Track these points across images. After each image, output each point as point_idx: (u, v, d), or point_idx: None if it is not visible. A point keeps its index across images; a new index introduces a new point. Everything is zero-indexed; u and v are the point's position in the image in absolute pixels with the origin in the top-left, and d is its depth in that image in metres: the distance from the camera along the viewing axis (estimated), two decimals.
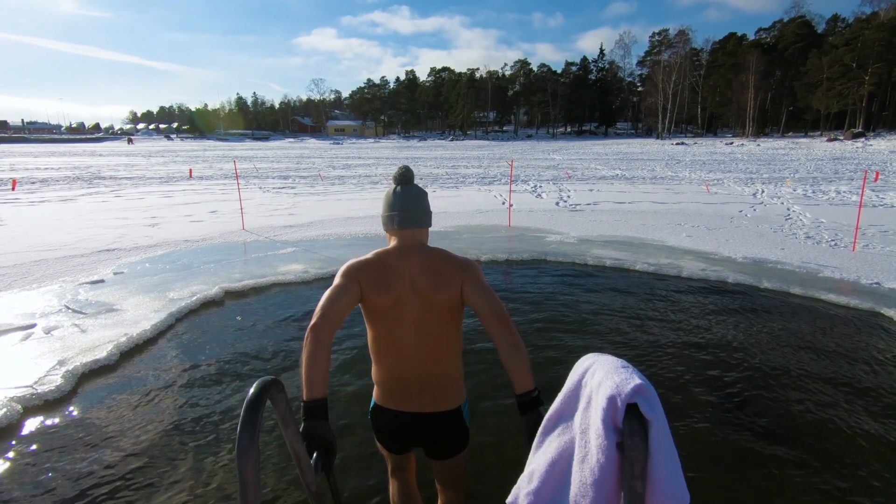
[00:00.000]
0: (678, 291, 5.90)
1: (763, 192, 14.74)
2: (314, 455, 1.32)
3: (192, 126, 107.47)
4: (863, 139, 48.04)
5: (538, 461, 1.03)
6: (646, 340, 4.52)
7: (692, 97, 75.17)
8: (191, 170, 18.85)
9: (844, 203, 12.54)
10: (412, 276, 1.59)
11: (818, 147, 43.36)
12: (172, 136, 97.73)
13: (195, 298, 5.39)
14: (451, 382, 1.69)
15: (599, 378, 0.95)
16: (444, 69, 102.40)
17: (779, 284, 5.97)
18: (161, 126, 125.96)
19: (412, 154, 40.32)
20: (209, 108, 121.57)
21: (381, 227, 1.76)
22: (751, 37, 75.51)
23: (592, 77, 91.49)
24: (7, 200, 13.33)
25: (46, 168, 25.68)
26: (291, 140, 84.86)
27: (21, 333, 4.45)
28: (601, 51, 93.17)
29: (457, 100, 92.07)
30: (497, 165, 26.60)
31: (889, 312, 5.07)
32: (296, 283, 6.13)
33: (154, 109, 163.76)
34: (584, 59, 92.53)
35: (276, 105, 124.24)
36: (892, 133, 51.82)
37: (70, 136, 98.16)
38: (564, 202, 13.08)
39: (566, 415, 1.03)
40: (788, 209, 11.66)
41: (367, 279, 1.59)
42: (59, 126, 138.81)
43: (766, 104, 66.77)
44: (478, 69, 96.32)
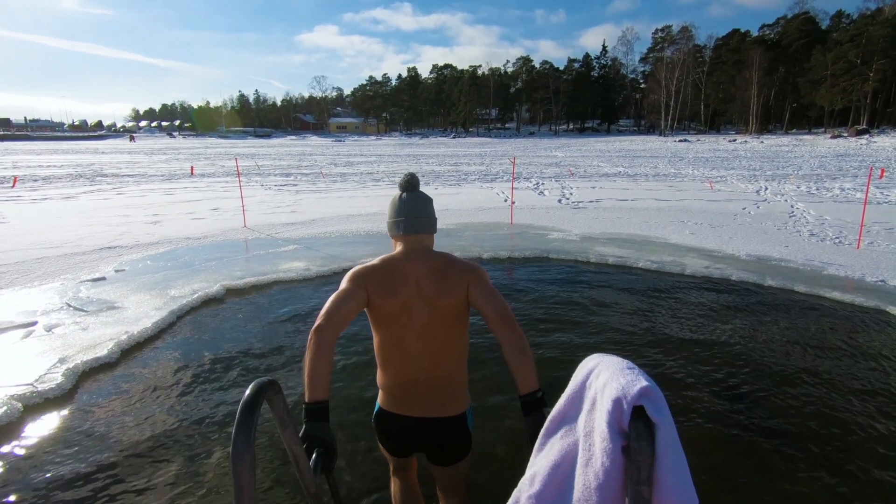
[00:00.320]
0: (681, 289, 5.86)
1: (766, 190, 14.67)
2: (313, 456, 1.31)
3: (193, 124, 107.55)
4: (867, 136, 47.79)
5: (540, 464, 1.01)
6: (649, 339, 4.49)
7: (695, 94, 74.86)
8: (192, 167, 18.84)
9: (848, 200, 12.47)
10: (419, 281, 1.60)
11: (822, 144, 43.17)
12: (174, 134, 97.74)
13: (196, 296, 5.38)
14: (457, 388, 1.70)
15: (604, 379, 0.92)
16: (447, 66, 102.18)
17: (783, 282, 5.93)
18: (163, 124, 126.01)
19: (414, 151, 40.27)
20: (212, 106, 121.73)
21: (384, 227, 1.76)
22: (754, 33, 75.10)
23: (595, 74, 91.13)
24: (9, 198, 13.35)
25: (49, 166, 25.73)
26: (293, 137, 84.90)
27: (22, 331, 4.45)
28: (604, 47, 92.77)
29: (459, 97, 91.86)
30: (499, 163, 26.55)
31: (894, 310, 5.03)
32: (297, 281, 6.12)
33: (156, 107, 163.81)
34: (587, 56, 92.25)
35: (279, 102, 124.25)
36: None
37: (72, 134, 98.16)
38: (567, 199, 13.04)
39: (570, 416, 1.01)
40: (792, 206, 11.60)
41: (374, 284, 1.59)
42: (62, 124, 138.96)
43: (770, 101, 66.51)
44: (480, 66, 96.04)
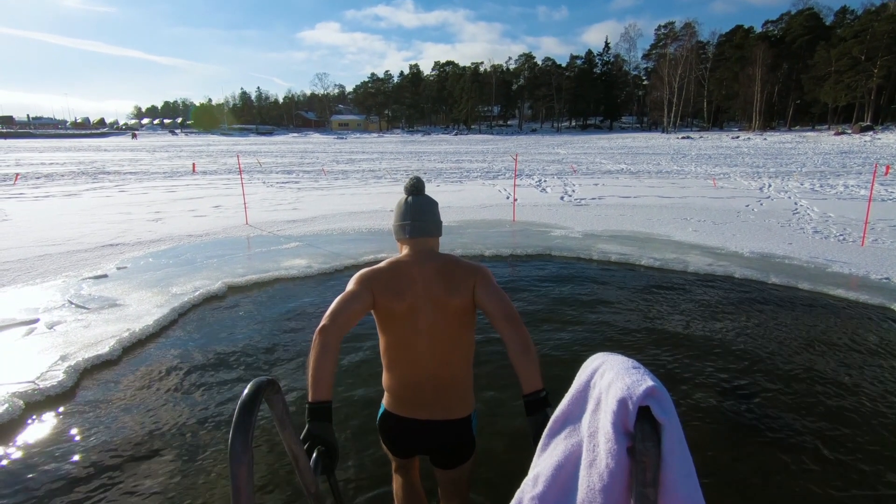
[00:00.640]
0: (684, 287, 5.84)
1: (770, 187, 14.61)
2: (314, 456, 1.31)
3: (194, 122, 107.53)
4: (871, 133, 47.53)
5: (544, 464, 0.99)
6: (652, 337, 4.47)
7: (698, 91, 74.57)
8: (194, 164, 18.84)
9: (853, 197, 12.41)
10: (425, 283, 1.61)
11: (826, 141, 42.97)
12: (177, 131, 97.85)
13: (198, 293, 5.38)
14: (463, 390, 1.70)
15: (609, 379, 0.91)
16: (449, 63, 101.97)
17: (787, 279, 5.90)
18: (165, 121, 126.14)
19: (416, 148, 40.22)
20: (214, 103, 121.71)
21: (386, 224, 1.76)
22: (758, 29, 74.65)
23: (597, 71, 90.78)
24: (12, 195, 13.37)
25: (51, 163, 25.76)
26: (295, 135, 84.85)
27: (24, 328, 4.45)
28: (606, 44, 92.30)
29: (461, 94, 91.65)
30: (501, 160, 26.49)
31: None
32: (299, 278, 6.11)
33: (158, 104, 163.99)
34: (589, 53, 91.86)
35: (280, 100, 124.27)
36: None
37: (75, 132, 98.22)
38: (569, 196, 13.00)
39: (573, 416, 0.99)
40: (796, 203, 11.54)
41: (380, 287, 1.60)
42: (65, 121, 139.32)
43: (773, 97, 66.20)
44: (482, 63, 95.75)
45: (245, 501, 0.84)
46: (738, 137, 52.34)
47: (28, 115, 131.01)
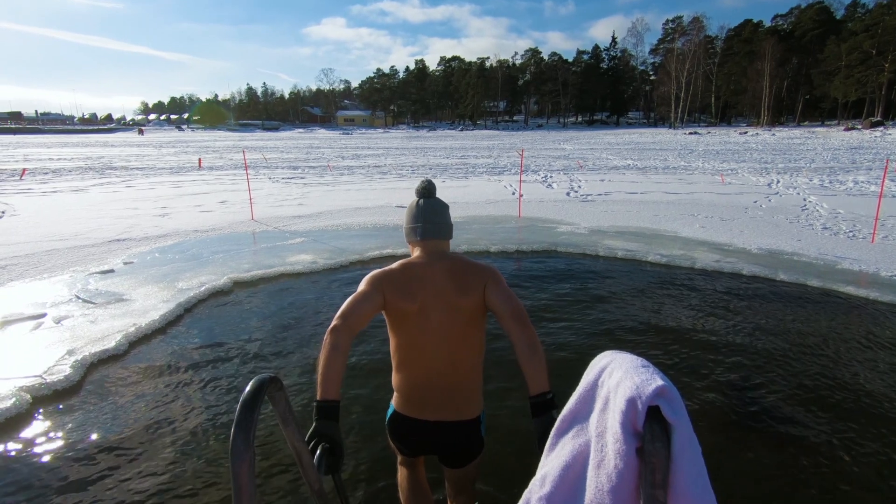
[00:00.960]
0: (692, 283, 5.79)
1: (778, 183, 14.47)
2: (317, 453, 1.31)
3: (200, 118, 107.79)
4: (881, 128, 47.00)
5: (551, 464, 0.98)
6: (659, 335, 4.44)
7: (706, 86, 73.96)
8: (200, 159, 18.89)
9: (863, 193, 12.27)
10: (436, 284, 1.63)
11: (835, 136, 42.53)
12: (183, 127, 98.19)
13: (204, 288, 5.39)
14: (472, 391, 1.71)
15: (618, 378, 0.89)
16: (454, 58, 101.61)
17: (795, 276, 5.84)
18: (172, 117, 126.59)
19: (422, 144, 40.15)
20: (220, 99, 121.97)
21: (391, 219, 1.75)
22: (767, 23, 73.96)
23: (604, 66, 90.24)
24: (20, 190, 13.46)
25: (59, 158, 25.93)
26: (301, 130, 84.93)
27: (32, 323, 4.48)
28: (613, 39, 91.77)
29: (467, 89, 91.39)
30: (507, 155, 26.41)
31: None
32: (304, 274, 6.11)
33: (165, 100, 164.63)
34: (596, 48, 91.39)
35: (286, 95, 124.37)
36: None
37: (82, 127, 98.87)
38: (575, 192, 12.94)
39: (581, 416, 0.97)
40: (805, 200, 11.43)
41: (392, 288, 1.62)
42: (72, 117, 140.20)
43: (782, 92, 65.59)
44: (488, 58, 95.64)
45: (246, 500, 0.83)
46: (747, 133, 51.93)
47: (36, 111, 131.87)
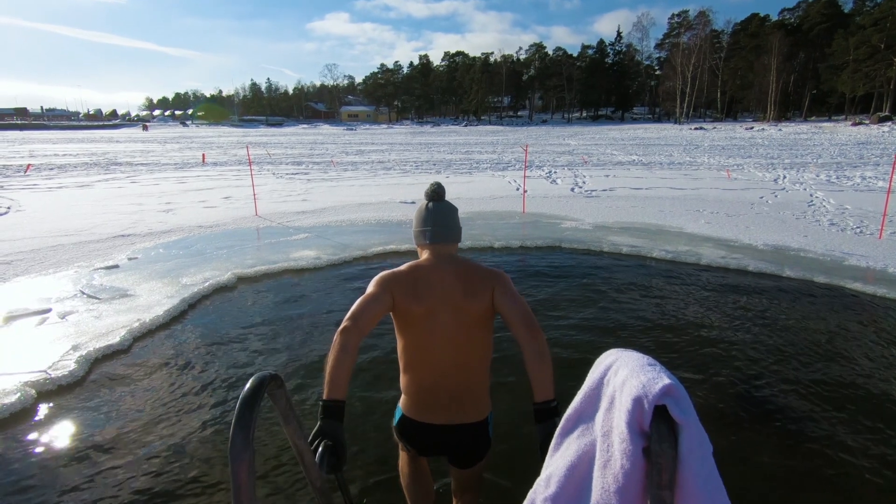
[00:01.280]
0: (697, 280, 5.76)
1: (785, 178, 14.37)
2: (319, 450, 1.30)
3: (204, 114, 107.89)
4: (889, 123, 46.53)
5: (556, 464, 0.96)
6: (665, 332, 4.41)
7: (712, 81, 73.45)
8: (203, 155, 18.92)
9: (870, 189, 12.17)
10: (444, 287, 1.63)
11: (842, 131, 42.17)
12: (188, 123, 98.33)
13: (208, 284, 5.40)
14: (479, 394, 1.72)
15: (623, 376, 0.87)
16: (458, 53, 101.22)
17: (802, 273, 5.80)
18: (176, 112, 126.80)
19: (426, 140, 40.08)
20: (224, 95, 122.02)
21: (394, 215, 1.74)
22: (774, 17, 73.35)
23: (609, 61, 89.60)
24: (25, 186, 13.52)
25: (64, 154, 26.02)
26: (305, 126, 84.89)
27: (37, 318, 4.49)
28: (618, 33, 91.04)
29: (471, 85, 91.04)
30: (511, 151, 26.32)
31: None
32: (308, 270, 6.11)
33: (169, 96, 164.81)
34: (601, 43, 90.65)
35: (290, 91, 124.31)
36: None
37: (87, 123, 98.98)
38: (580, 188, 12.88)
39: (586, 415, 0.95)
40: (811, 195, 11.34)
41: (400, 289, 1.62)
42: (77, 113, 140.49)
43: (789, 87, 65.03)
44: (492, 53, 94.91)
45: (246, 500, 0.81)
46: (753, 128, 51.54)
47: (42, 107, 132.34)
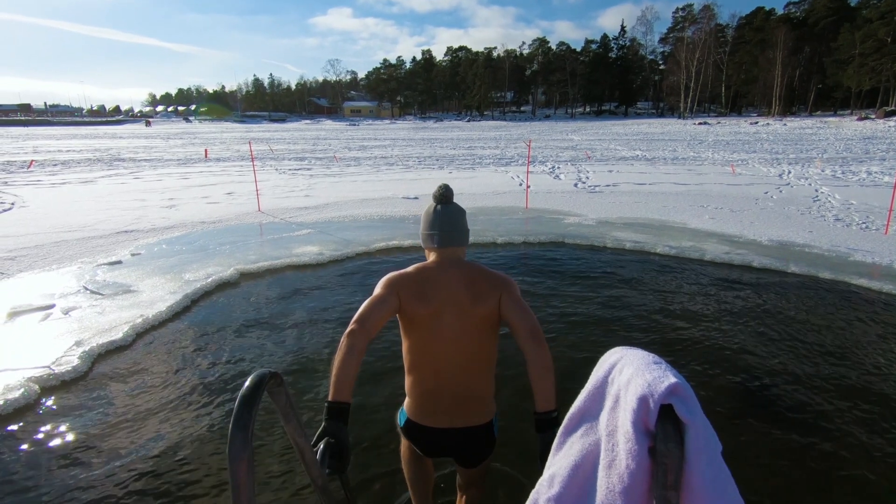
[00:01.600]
0: (701, 276, 5.73)
1: (790, 173, 14.28)
2: (321, 447, 1.31)
3: (206, 110, 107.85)
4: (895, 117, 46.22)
5: (560, 464, 0.94)
6: (669, 329, 4.39)
7: (716, 75, 72.96)
8: (206, 150, 18.92)
9: (876, 184, 12.09)
10: (450, 290, 1.63)
11: (848, 126, 41.87)
12: (190, 118, 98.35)
13: (210, 280, 5.40)
14: (483, 397, 1.71)
15: (628, 375, 0.85)
16: (461, 48, 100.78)
17: (807, 268, 5.76)
18: (179, 108, 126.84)
19: (428, 135, 39.99)
20: (227, 90, 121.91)
21: (397, 211, 1.73)
22: (779, 11, 72.64)
23: (613, 55, 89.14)
24: (29, 182, 13.54)
25: (68, 150, 26.05)
26: (308, 121, 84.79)
27: (41, 314, 4.50)
28: (622, 28, 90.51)
29: (474, 80, 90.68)
30: (514, 146, 26.24)
31: None
32: (311, 265, 6.10)
33: (172, 92, 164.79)
34: (605, 37, 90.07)
35: (293, 86, 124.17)
36: None
37: (91, 119, 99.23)
38: (583, 183, 12.83)
39: (590, 414, 0.94)
40: (816, 190, 11.27)
41: (407, 291, 1.63)
42: (81, 109, 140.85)
43: (794, 82, 64.61)
44: (495, 48, 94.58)
45: (245, 499, 0.80)
46: (757, 123, 51.24)
47: (45, 103, 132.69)
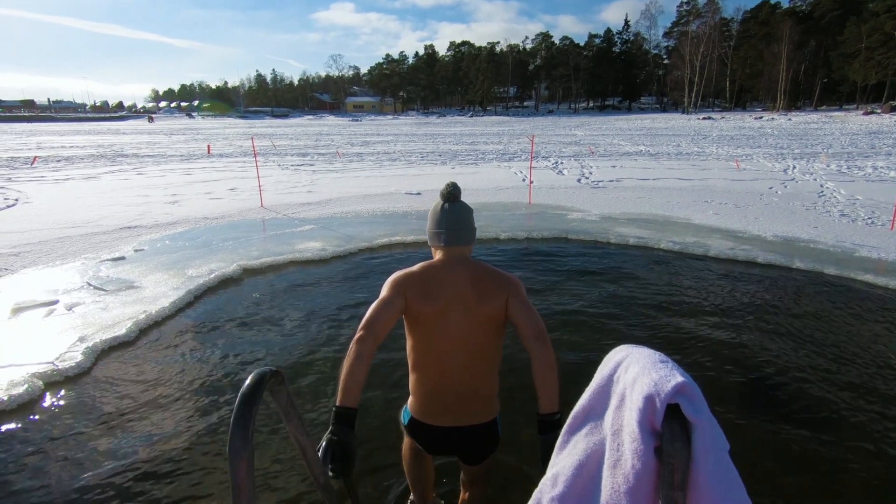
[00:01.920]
0: (705, 272, 5.70)
1: (794, 168, 14.19)
2: (322, 445, 1.31)
3: (209, 107, 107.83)
4: None
5: (563, 463, 0.93)
6: (676, 327, 4.37)
7: (720, 70, 72.55)
8: (209, 146, 18.92)
9: (882, 179, 12.00)
10: (457, 288, 1.63)
11: (854, 121, 41.60)
12: (193, 114, 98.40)
13: (213, 276, 5.40)
14: (488, 396, 1.72)
15: (634, 374, 0.84)
16: (464, 43, 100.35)
17: (812, 264, 5.73)
18: (182, 104, 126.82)
19: (431, 130, 39.90)
20: (229, 86, 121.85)
21: (400, 207, 1.72)
22: (785, 4, 72.18)
23: (616, 50, 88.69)
24: (33, 178, 13.57)
25: (71, 146, 26.10)
26: (310, 117, 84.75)
27: (44, 309, 4.51)
28: (626, 22, 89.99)
29: (476, 75, 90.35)
30: (517, 141, 26.16)
31: None
32: (313, 261, 6.10)
33: (175, 87, 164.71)
34: (608, 31, 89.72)
35: (295, 82, 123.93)
36: None
37: (94, 115, 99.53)
38: (586, 179, 12.78)
39: (595, 412, 0.93)
40: (822, 186, 11.20)
41: (413, 290, 1.63)
42: (84, 105, 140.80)
43: (799, 76, 64.19)
44: (498, 43, 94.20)
45: (245, 499, 0.79)
46: (762, 118, 50.98)
47: (49, 99, 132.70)
